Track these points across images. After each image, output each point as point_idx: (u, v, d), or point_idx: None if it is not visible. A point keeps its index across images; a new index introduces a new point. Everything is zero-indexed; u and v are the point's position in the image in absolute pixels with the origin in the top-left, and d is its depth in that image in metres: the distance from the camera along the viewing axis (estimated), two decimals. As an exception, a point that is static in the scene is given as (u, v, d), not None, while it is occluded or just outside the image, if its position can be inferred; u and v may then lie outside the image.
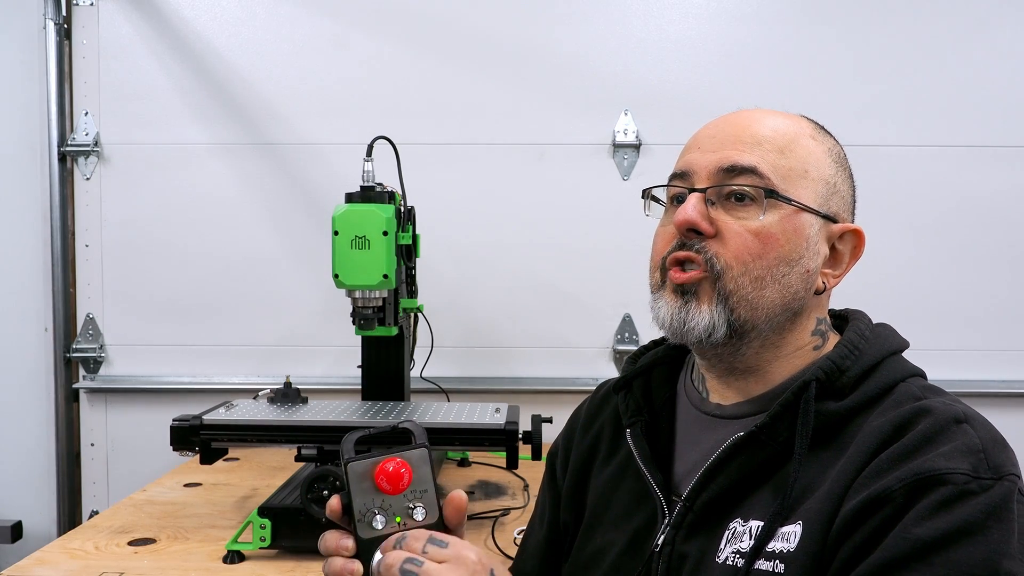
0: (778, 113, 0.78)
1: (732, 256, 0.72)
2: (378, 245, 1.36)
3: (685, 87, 1.97)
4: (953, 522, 0.59)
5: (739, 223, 0.73)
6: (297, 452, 1.36)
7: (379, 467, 0.67)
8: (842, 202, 0.77)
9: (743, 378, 0.77)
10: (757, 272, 0.72)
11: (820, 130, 0.79)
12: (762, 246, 0.72)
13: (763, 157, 0.73)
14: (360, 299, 1.41)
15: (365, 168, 1.44)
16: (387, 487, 0.66)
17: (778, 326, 0.75)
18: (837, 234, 0.76)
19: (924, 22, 1.94)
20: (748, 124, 0.76)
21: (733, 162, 0.73)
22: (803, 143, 0.75)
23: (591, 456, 0.90)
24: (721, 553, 0.70)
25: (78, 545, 1.30)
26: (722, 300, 0.72)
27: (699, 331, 0.73)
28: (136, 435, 2.04)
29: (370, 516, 0.66)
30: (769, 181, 0.73)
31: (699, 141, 0.78)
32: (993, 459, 0.63)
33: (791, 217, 0.73)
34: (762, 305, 0.72)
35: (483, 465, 1.80)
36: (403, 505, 0.67)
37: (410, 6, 1.99)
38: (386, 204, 1.41)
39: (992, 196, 1.95)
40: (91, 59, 2.01)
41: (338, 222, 1.36)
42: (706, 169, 0.75)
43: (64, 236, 2.02)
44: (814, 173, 0.75)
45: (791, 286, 0.73)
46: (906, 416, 0.67)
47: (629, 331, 2.01)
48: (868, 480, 0.64)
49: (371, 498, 0.66)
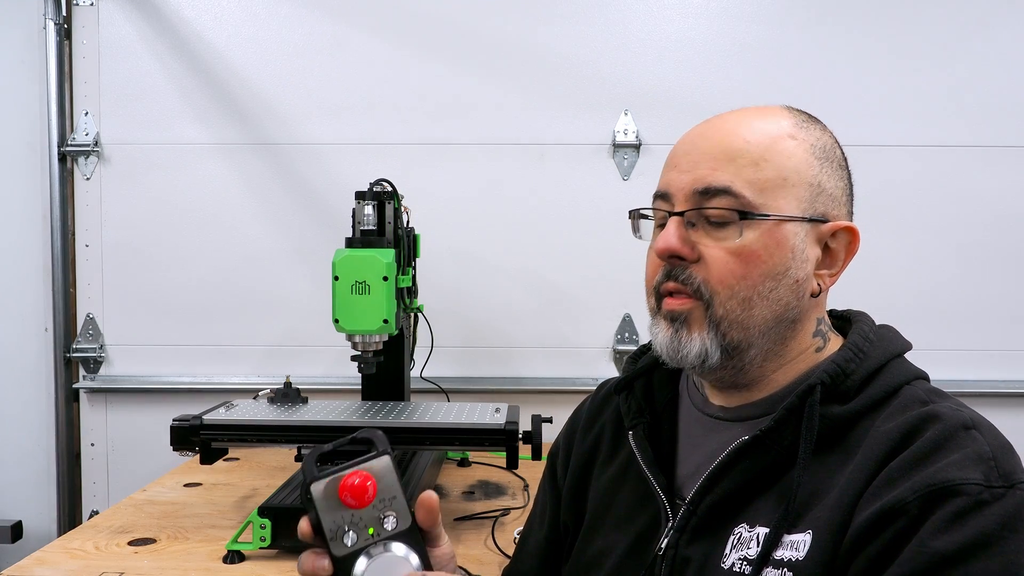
0: (755, 114, 0.76)
1: (716, 280, 0.72)
2: (378, 290, 1.36)
3: (685, 87, 1.97)
4: (969, 534, 0.59)
5: (719, 245, 0.72)
6: (297, 452, 1.36)
7: (342, 483, 0.65)
8: (830, 200, 0.75)
9: (745, 388, 0.77)
10: (744, 293, 0.71)
11: (802, 124, 0.76)
12: (744, 266, 0.71)
13: (737, 173, 0.72)
14: (360, 343, 1.41)
15: (365, 212, 1.42)
16: (352, 502, 0.64)
17: (777, 337, 0.74)
18: (829, 233, 0.75)
19: (924, 22, 1.94)
20: (721, 137, 0.74)
21: (707, 184, 0.72)
22: (781, 147, 0.73)
23: (592, 457, 0.90)
24: (727, 559, 0.70)
25: (78, 545, 1.30)
26: (713, 326, 0.72)
27: (692, 358, 0.73)
28: (136, 435, 2.04)
29: (341, 533, 0.64)
30: (744, 199, 0.71)
31: (675, 158, 0.77)
32: (1003, 466, 0.63)
33: (772, 231, 0.71)
34: (753, 324, 0.72)
35: (483, 465, 1.80)
36: (373, 516, 0.65)
37: (410, 6, 1.99)
38: (386, 248, 1.40)
39: (992, 196, 1.95)
40: (91, 59, 2.01)
41: (338, 267, 1.36)
42: (682, 192, 0.74)
43: (64, 236, 2.02)
44: (794, 178, 0.73)
45: (781, 299, 0.72)
46: (914, 422, 0.67)
47: (629, 331, 2.01)
48: (880, 490, 0.64)
49: (339, 515, 0.65)
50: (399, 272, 1.44)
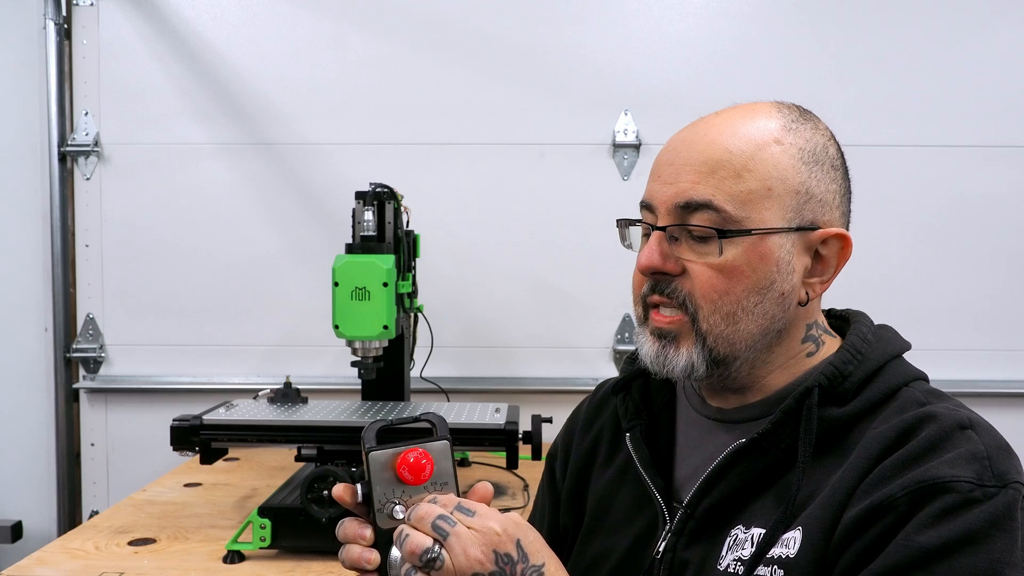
0: (740, 117, 0.73)
1: (700, 295, 0.71)
2: (378, 296, 1.36)
3: (685, 87, 1.97)
4: (956, 530, 0.59)
5: (702, 260, 0.71)
6: (297, 452, 1.36)
7: (401, 457, 0.67)
8: (820, 205, 0.72)
9: (739, 393, 0.77)
10: (727, 308, 0.71)
11: (791, 126, 0.73)
12: (727, 281, 0.70)
13: (718, 187, 0.70)
14: (360, 349, 1.41)
15: (365, 217, 1.42)
16: (409, 477, 0.66)
17: (763, 347, 0.73)
18: (819, 241, 0.72)
19: (925, 22, 1.94)
20: (704, 146, 0.72)
21: (688, 198, 0.71)
22: (765, 155, 0.71)
23: (591, 458, 0.90)
24: (723, 560, 0.70)
25: (78, 545, 1.30)
26: (700, 339, 0.72)
27: (678, 372, 0.73)
28: (136, 435, 2.04)
29: (390, 507, 0.66)
30: (726, 213, 0.69)
31: (659, 167, 0.76)
32: (997, 466, 0.62)
33: (755, 245, 0.70)
34: (738, 339, 0.71)
35: (483, 465, 1.80)
36: (424, 495, 0.67)
37: (410, 6, 1.99)
38: (386, 254, 1.41)
39: (992, 196, 1.94)
40: (91, 59, 2.01)
41: (338, 273, 1.36)
42: (664, 205, 0.73)
43: (64, 236, 2.02)
44: (779, 188, 0.70)
45: (766, 313, 0.71)
46: (910, 422, 0.66)
47: (629, 331, 2.01)
48: (871, 487, 0.64)
49: (391, 488, 0.66)
50: (399, 277, 1.44)
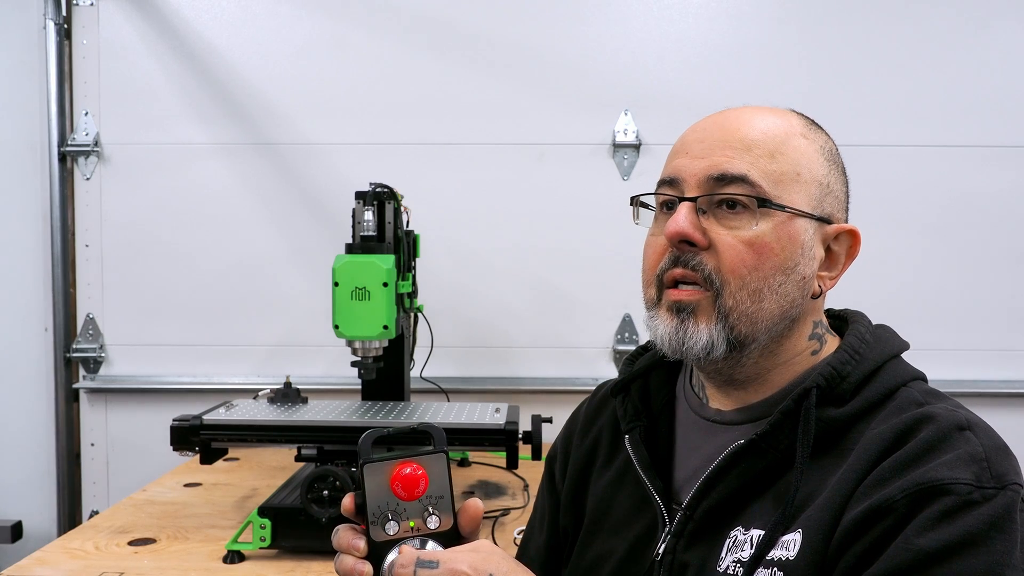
0: (767, 111, 0.76)
1: (728, 270, 0.70)
2: (378, 296, 1.36)
3: (685, 87, 1.97)
4: (955, 533, 0.59)
5: (732, 234, 0.70)
6: (297, 452, 1.36)
7: (395, 471, 0.65)
8: (835, 202, 0.75)
9: (742, 387, 0.76)
10: (755, 285, 0.70)
11: (811, 126, 0.76)
12: (757, 257, 0.70)
13: (753, 163, 0.71)
14: (360, 349, 1.41)
15: (365, 217, 1.42)
16: (402, 493, 0.65)
17: (776, 335, 0.73)
18: (832, 235, 0.74)
19: (925, 22, 1.94)
20: (737, 127, 0.73)
21: (723, 170, 0.71)
22: (794, 143, 0.73)
23: (590, 460, 0.89)
24: (722, 562, 0.70)
25: (78, 545, 1.30)
26: (722, 318, 0.70)
27: (698, 350, 0.71)
28: (136, 435, 2.04)
29: (383, 520, 0.65)
30: (760, 188, 0.70)
31: (687, 145, 0.75)
32: (996, 468, 0.62)
33: (785, 224, 0.71)
34: (761, 318, 0.71)
35: (483, 465, 1.80)
36: (418, 510, 0.66)
37: (410, 6, 1.99)
38: (386, 254, 1.40)
39: (992, 196, 1.94)
40: (91, 59, 2.01)
41: (338, 273, 1.36)
42: (695, 177, 0.72)
43: (64, 236, 2.02)
44: (807, 175, 0.72)
45: (788, 295, 0.71)
46: (908, 423, 0.66)
47: (629, 331, 2.01)
48: (870, 489, 0.63)
49: (386, 501, 0.65)
50: (399, 277, 1.44)
